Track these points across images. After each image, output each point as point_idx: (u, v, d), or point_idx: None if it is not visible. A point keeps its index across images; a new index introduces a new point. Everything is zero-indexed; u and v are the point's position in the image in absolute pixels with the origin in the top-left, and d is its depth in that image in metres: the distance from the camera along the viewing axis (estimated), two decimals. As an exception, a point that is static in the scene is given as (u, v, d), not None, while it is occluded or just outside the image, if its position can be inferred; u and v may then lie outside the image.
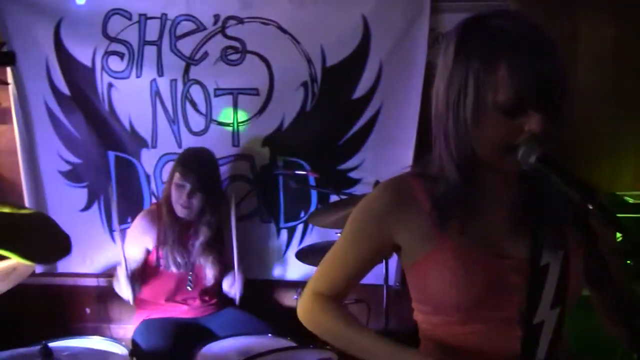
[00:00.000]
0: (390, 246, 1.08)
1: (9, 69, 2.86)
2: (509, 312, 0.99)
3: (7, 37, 2.79)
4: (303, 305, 1.17)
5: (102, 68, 2.83)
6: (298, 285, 2.87)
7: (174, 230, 2.50)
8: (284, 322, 2.61)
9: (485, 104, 0.91)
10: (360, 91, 2.72)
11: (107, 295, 2.96)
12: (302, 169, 2.81)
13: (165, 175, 2.77)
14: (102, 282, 2.98)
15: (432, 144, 1.02)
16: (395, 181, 1.09)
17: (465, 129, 0.94)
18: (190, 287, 2.56)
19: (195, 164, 2.50)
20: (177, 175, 2.51)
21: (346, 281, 1.14)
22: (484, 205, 1.02)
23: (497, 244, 1.01)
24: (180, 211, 2.46)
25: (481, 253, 1.00)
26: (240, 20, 2.76)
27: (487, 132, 0.92)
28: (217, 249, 2.62)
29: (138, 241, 2.55)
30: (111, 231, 2.96)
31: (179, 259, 2.50)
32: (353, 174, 2.81)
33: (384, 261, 2.44)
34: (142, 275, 2.56)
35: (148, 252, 2.55)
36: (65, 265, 2.99)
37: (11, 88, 2.87)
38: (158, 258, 2.53)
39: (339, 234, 2.26)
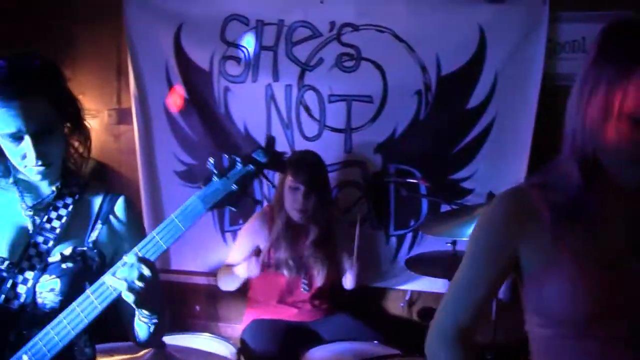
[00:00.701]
0: (514, 258, 1.26)
1: (131, 71, 3.94)
2: (627, 329, 1.14)
3: (130, 40, 3.72)
4: (430, 349, 1.36)
5: (219, 72, 3.68)
6: (405, 294, 3.70)
7: (287, 233, 3.17)
8: (390, 329, 3.49)
9: (613, 107, 1.07)
10: (474, 100, 3.39)
11: (216, 294, 3.77)
12: (414, 177, 3.53)
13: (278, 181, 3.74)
14: (213, 280, 3.75)
15: (561, 146, 1.23)
16: (512, 192, 1.29)
17: (591, 131, 1.12)
18: (306, 289, 3.22)
19: (307, 166, 3.18)
20: (289, 178, 3.06)
21: (476, 308, 1.31)
22: (605, 216, 1.18)
23: (618, 257, 1.17)
24: (295, 215, 3.02)
25: (601, 266, 1.15)
26: (355, 28, 3.50)
27: (612, 139, 1.09)
28: (329, 251, 3.15)
29: (249, 242, 3.26)
30: (223, 232, 3.83)
31: (291, 262, 3.04)
32: (465, 184, 3.50)
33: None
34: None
35: (259, 253, 3.19)
36: (178, 263, 3.89)
37: (132, 89, 3.78)
38: (269, 260, 3.22)
39: (449, 244, 3.15)
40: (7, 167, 1.67)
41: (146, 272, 1.49)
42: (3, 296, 1.53)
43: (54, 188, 1.70)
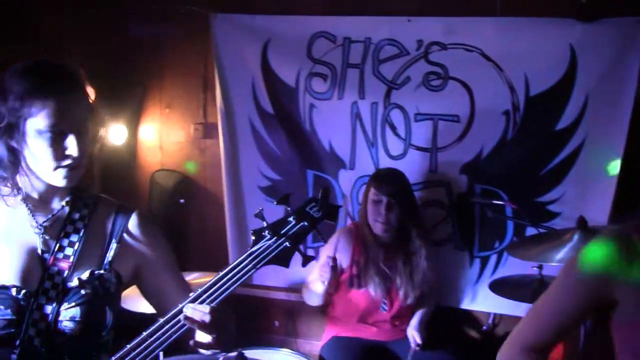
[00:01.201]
0: (609, 300, 1.44)
1: (218, 86, 4.62)
2: None
3: (217, 56, 4.39)
4: (504, 355, 1.60)
5: (305, 89, 4.33)
6: (488, 316, 4.28)
7: (371, 250, 3.53)
8: (469, 352, 3.94)
9: None
10: (564, 122, 3.75)
11: (296, 309, 4.44)
12: (500, 198, 4.03)
13: (362, 197, 4.44)
14: (292, 296, 4.42)
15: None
16: (616, 236, 1.44)
17: None
18: (385, 309, 3.55)
19: (389, 178, 3.74)
20: (372, 191, 3.52)
21: (556, 334, 1.52)
22: None
23: None
24: (378, 228, 3.45)
25: None
26: (443, 46, 4.04)
27: None
28: (412, 270, 3.55)
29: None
30: (305, 248, 4.46)
31: (376, 279, 3.46)
32: (552, 207, 3.87)
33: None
34: (335, 293, 3.78)
35: (342, 270, 3.56)
36: (259, 277, 4.51)
37: (219, 104, 4.47)
38: (352, 277, 3.54)
39: (535, 268, 3.78)
40: (16, 183, 1.78)
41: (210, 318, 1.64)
42: (24, 327, 1.65)
43: (63, 203, 1.83)
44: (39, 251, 1.76)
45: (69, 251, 1.78)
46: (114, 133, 4.49)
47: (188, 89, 4.71)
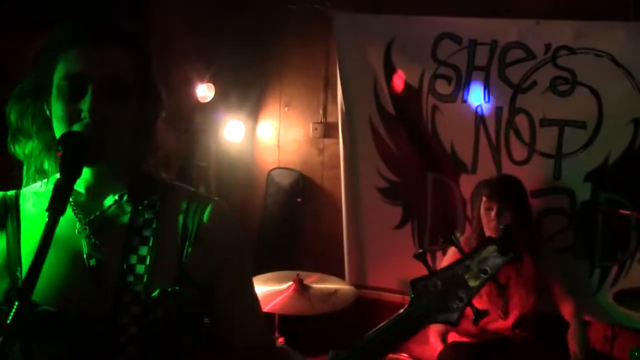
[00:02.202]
0: None
1: (339, 85, 5.35)
2: None
3: (340, 55, 5.11)
4: None
5: (429, 90, 4.99)
6: (608, 328, 4.64)
7: None
8: None
9: None
10: None
11: None
12: (625, 207, 4.53)
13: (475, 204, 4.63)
14: (407, 299, 5.46)
15: None
16: None
17: None
18: (502, 317, 4.00)
19: (501, 185, 4.24)
20: (484, 199, 4.00)
21: None
22: None
23: None
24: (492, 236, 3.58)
25: None
26: (572, 51, 4.55)
27: None
28: (530, 278, 3.99)
29: None
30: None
31: (491, 289, 3.90)
32: None
33: None
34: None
35: None
36: (375, 279, 5.21)
37: (340, 103, 5.17)
38: None
39: None
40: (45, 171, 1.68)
41: None
42: None
43: (116, 197, 1.65)
44: (86, 261, 1.60)
45: (140, 269, 1.59)
46: (232, 130, 5.26)
47: (308, 87, 5.47)
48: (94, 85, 1.55)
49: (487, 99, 4.92)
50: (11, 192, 1.75)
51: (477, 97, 4.93)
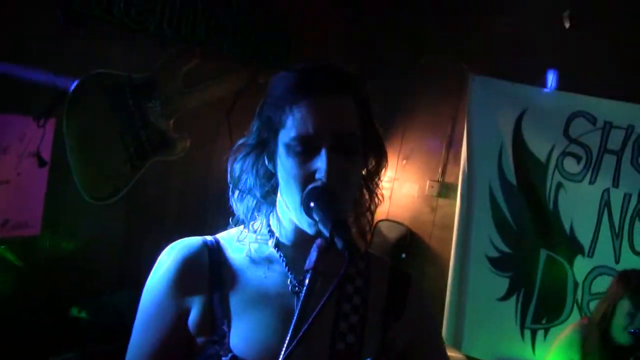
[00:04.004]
0: None
1: (464, 146, 5.47)
2: None
3: (470, 117, 5.06)
4: None
5: (556, 166, 4.94)
6: None
7: (600, 353, 3.97)
8: None
9: None
10: None
11: None
12: None
13: (597, 288, 4.72)
14: None
15: None
16: None
17: None
18: None
19: None
20: (627, 303, 4.02)
21: None
22: None
23: None
24: (624, 339, 3.71)
25: None
26: None
27: None
28: None
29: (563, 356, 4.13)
30: (522, 327, 5.03)
31: None
32: None
33: None
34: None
35: None
36: (469, 346, 5.13)
37: (463, 164, 5.12)
38: None
39: None
40: (269, 221, 1.67)
41: None
42: None
43: None
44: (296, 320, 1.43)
45: (350, 339, 1.58)
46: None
47: (430, 144, 5.46)
48: (328, 142, 1.50)
49: (616, 184, 4.91)
50: (210, 239, 1.71)
51: (606, 180, 4.91)
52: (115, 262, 4.04)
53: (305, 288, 1.41)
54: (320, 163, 1.49)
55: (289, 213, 1.58)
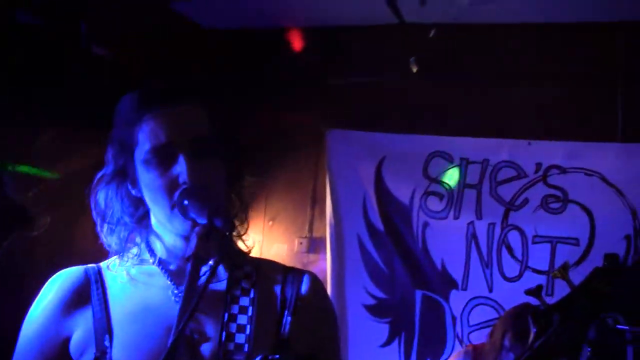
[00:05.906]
0: None
1: (329, 201, 5.60)
2: None
3: (330, 171, 5.15)
4: None
5: (420, 207, 5.05)
6: None
7: None
8: None
9: None
10: None
11: None
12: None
13: (475, 319, 4.87)
14: None
15: None
16: None
17: None
18: None
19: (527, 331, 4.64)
20: (509, 337, 3.94)
21: None
22: None
23: None
24: None
25: None
26: (563, 170, 4.74)
27: None
28: None
29: None
30: None
31: None
32: None
33: None
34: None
35: None
36: None
37: (329, 218, 5.17)
38: None
39: None
40: (148, 243, 1.72)
41: None
42: None
43: (211, 263, 1.55)
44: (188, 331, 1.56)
45: (240, 338, 1.63)
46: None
47: (295, 202, 5.50)
48: (182, 148, 1.60)
49: (479, 216, 5.08)
50: (92, 265, 1.79)
51: (469, 213, 5.09)
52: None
53: (187, 276, 1.47)
54: (180, 168, 1.58)
55: (164, 226, 1.67)
